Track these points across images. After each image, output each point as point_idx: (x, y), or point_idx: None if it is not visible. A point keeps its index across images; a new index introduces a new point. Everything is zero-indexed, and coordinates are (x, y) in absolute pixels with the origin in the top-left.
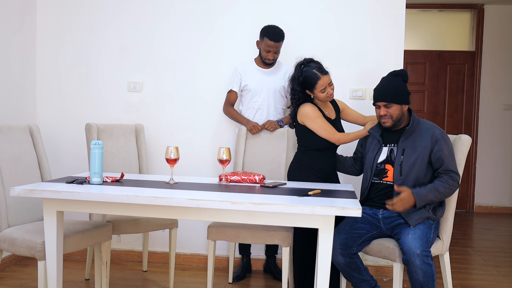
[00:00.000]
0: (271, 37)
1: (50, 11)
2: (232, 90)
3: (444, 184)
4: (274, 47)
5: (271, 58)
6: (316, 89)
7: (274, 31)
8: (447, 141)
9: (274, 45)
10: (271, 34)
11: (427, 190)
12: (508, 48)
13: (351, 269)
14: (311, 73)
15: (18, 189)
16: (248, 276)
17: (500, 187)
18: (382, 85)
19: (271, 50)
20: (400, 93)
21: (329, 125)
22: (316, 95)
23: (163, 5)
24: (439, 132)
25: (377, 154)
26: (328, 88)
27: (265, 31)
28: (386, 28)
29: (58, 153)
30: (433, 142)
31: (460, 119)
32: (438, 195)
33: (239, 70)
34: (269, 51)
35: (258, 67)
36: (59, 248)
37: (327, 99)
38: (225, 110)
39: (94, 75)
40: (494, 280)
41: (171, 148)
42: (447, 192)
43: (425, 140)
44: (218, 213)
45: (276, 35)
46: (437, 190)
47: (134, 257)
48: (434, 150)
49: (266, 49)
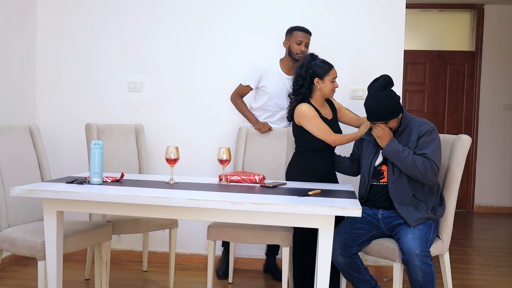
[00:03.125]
0: (301, 29)
1: (50, 10)
2: (249, 85)
3: (420, 160)
4: (305, 38)
5: (303, 50)
6: (328, 75)
7: (302, 26)
8: (434, 136)
9: (305, 36)
10: (300, 27)
11: (402, 149)
12: (508, 48)
13: (351, 269)
14: (324, 63)
15: (18, 189)
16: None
17: (500, 187)
18: (374, 103)
19: (303, 41)
20: (394, 106)
21: (325, 126)
22: (326, 84)
23: (162, 4)
24: (428, 128)
25: (373, 158)
26: (336, 81)
27: (293, 28)
28: (386, 28)
29: (58, 153)
30: (419, 137)
31: (460, 119)
32: (407, 161)
33: (261, 68)
34: (300, 42)
35: (281, 72)
36: (59, 248)
37: (331, 93)
38: (234, 100)
39: (94, 75)
40: (494, 280)
41: (171, 148)
42: (419, 168)
43: (414, 136)
44: (218, 213)
45: (305, 28)
46: (410, 156)
47: (134, 257)
48: (419, 142)
49: (298, 41)
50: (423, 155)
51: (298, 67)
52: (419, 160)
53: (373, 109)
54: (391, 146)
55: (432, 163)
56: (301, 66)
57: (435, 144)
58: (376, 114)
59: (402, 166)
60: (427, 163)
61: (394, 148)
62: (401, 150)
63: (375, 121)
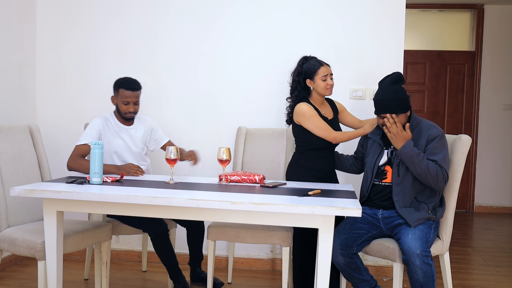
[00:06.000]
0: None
1: (50, 10)
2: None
3: (433, 166)
4: (134, 96)
5: (131, 110)
6: (318, 74)
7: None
8: (444, 142)
9: (133, 95)
10: (127, 85)
11: (417, 153)
12: (508, 48)
13: (351, 269)
14: (313, 63)
15: (18, 189)
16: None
17: (500, 187)
18: (385, 95)
19: (130, 101)
20: (404, 102)
21: (324, 124)
22: (317, 83)
23: (163, 5)
24: (437, 132)
25: (378, 157)
26: (329, 79)
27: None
28: (386, 28)
29: (58, 153)
30: (428, 141)
31: (460, 119)
32: (421, 166)
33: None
34: (128, 102)
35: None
36: (59, 248)
37: (327, 91)
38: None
39: (94, 75)
40: (494, 280)
41: (171, 148)
42: (432, 174)
43: (422, 139)
44: (218, 213)
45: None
46: (424, 161)
47: (134, 257)
48: (427, 146)
49: (124, 102)
50: (435, 162)
51: (292, 72)
52: (433, 166)
53: (383, 101)
54: (407, 148)
55: (443, 171)
56: (294, 71)
57: (445, 151)
58: (386, 106)
59: (414, 169)
60: (439, 170)
61: (409, 151)
62: (416, 155)
63: (383, 113)
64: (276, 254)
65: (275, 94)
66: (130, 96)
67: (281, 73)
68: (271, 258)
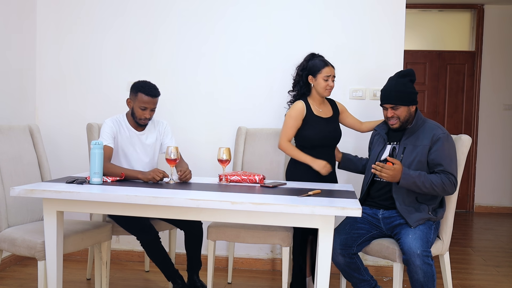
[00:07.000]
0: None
1: (50, 10)
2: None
3: (437, 179)
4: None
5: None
6: (321, 73)
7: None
8: (449, 144)
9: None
10: (146, 91)
11: (416, 176)
12: (508, 48)
13: (351, 269)
14: (319, 61)
15: (18, 189)
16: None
17: (500, 187)
18: (388, 86)
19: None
20: (407, 94)
21: (290, 130)
22: (318, 82)
23: (164, 5)
24: (442, 133)
25: (381, 151)
26: (330, 80)
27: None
28: (386, 28)
29: (58, 153)
30: (433, 142)
31: (460, 119)
32: (426, 185)
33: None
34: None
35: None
36: (59, 248)
37: (326, 91)
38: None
39: (94, 75)
40: (494, 280)
41: (171, 148)
42: (438, 188)
43: (426, 139)
44: (218, 213)
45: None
46: (427, 180)
47: (134, 257)
48: (432, 149)
49: (142, 107)
50: (440, 167)
51: (297, 66)
52: (437, 180)
53: (385, 90)
54: (406, 179)
55: (450, 176)
56: (299, 66)
57: (451, 154)
58: (388, 95)
59: (421, 191)
60: (445, 179)
61: (409, 180)
62: (417, 178)
63: (384, 103)
64: (276, 254)
65: (275, 94)
66: (149, 102)
67: (282, 73)
68: (271, 258)
